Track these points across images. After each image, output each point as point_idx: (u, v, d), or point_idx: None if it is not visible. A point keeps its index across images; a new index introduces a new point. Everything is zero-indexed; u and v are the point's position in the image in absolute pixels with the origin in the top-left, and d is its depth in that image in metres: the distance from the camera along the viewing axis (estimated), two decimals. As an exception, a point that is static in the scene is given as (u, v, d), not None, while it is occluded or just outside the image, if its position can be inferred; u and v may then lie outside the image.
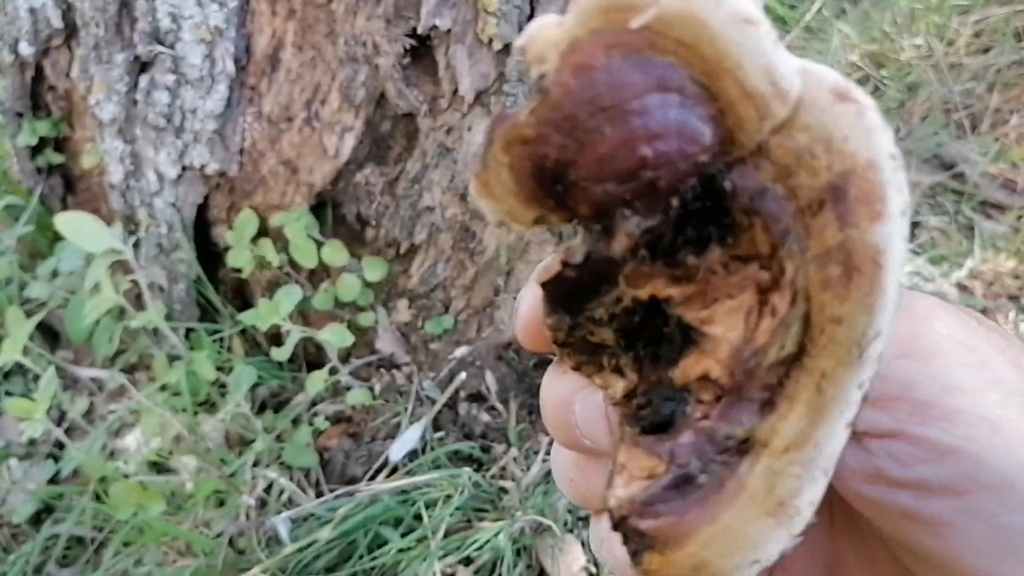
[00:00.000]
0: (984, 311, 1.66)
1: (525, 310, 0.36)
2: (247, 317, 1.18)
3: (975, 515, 0.30)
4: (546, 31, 0.27)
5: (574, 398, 0.35)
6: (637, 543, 0.27)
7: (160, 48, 1.21)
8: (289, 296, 1.18)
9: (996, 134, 2.05)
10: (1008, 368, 0.31)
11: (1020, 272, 1.74)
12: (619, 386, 0.32)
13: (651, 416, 0.30)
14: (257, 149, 1.25)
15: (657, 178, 0.26)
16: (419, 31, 1.10)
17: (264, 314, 1.15)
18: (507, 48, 1.09)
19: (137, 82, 1.25)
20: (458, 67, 1.13)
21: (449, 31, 1.10)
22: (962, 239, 1.86)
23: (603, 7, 0.26)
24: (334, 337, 1.18)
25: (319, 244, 1.28)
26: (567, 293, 0.32)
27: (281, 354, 1.21)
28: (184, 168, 1.26)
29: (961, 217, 1.91)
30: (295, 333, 1.19)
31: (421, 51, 1.16)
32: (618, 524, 0.29)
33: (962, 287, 1.71)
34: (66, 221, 1.31)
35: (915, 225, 1.90)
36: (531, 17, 1.07)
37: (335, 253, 1.29)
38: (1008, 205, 1.93)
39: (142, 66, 1.25)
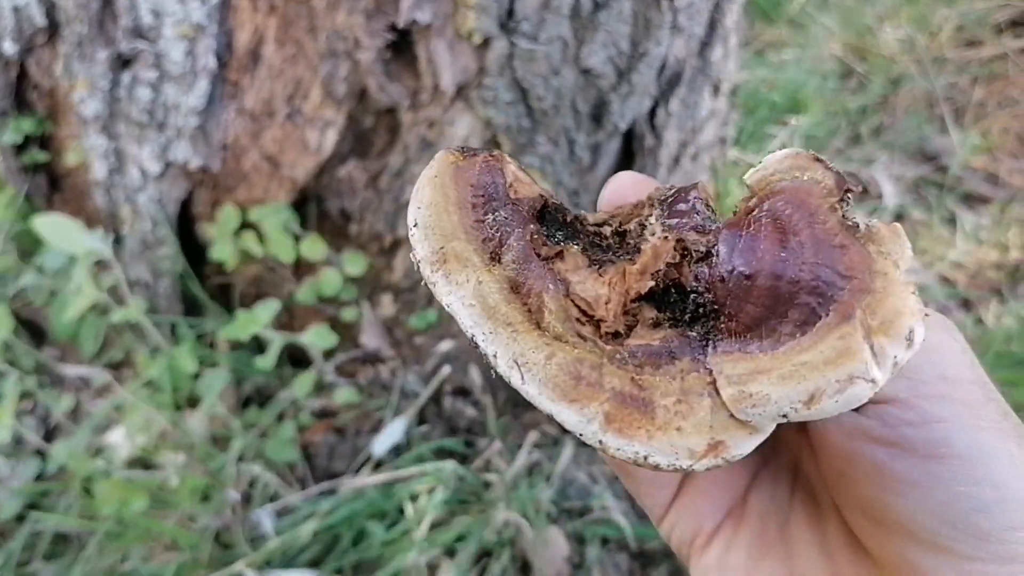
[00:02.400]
0: (967, 302, 1.67)
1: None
2: (228, 331, 1.18)
3: (939, 479, 0.33)
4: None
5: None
6: None
7: (142, 44, 1.21)
8: (267, 307, 1.18)
9: (979, 127, 2.06)
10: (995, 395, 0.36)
11: (1002, 263, 1.75)
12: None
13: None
14: (239, 144, 1.25)
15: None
16: (399, 26, 1.10)
17: (243, 324, 1.15)
18: (487, 42, 1.10)
19: (120, 79, 1.25)
20: (438, 61, 1.13)
21: (429, 25, 1.10)
22: (944, 231, 1.88)
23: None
24: (318, 339, 1.18)
25: (297, 238, 1.28)
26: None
27: (265, 362, 1.21)
28: (167, 164, 1.26)
29: (943, 209, 1.92)
30: (277, 341, 1.19)
31: (402, 46, 1.16)
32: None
33: (944, 279, 1.72)
34: (45, 224, 1.31)
35: (898, 217, 1.91)
36: (510, 12, 1.08)
37: (314, 247, 1.29)
38: (991, 197, 1.94)
39: (124, 63, 1.25)
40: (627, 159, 1.37)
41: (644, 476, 0.44)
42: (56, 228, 1.30)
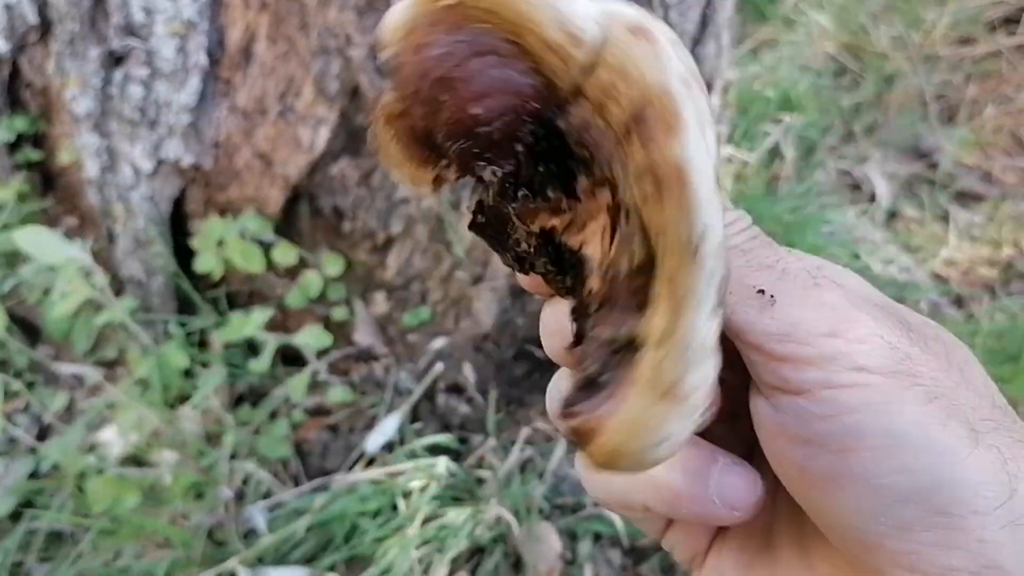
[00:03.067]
0: (959, 299, 1.68)
1: None
2: (222, 333, 1.18)
3: (854, 474, 0.32)
4: (393, 17, 0.31)
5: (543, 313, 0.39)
6: (572, 439, 0.30)
7: (134, 42, 1.21)
8: (261, 312, 1.18)
9: (972, 125, 2.06)
10: (937, 373, 0.33)
11: (995, 261, 1.75)
12: (568, 305, 0.36)
13: (578, 331, 0.33)
14: (232, 142, 1.25)
15: (491, 131, 0.31)
16: (391, 23, 1.10)
17: (237, 327, 1.15)
18: (478, 39, 1.10)
19: (111, 76, 1.25)
20: (431, 58, 1.13)
21: (421, 22, 1.10)
22: (937, 228, 1.88)
23: None
24: (312, 340, 1.19)
25: (268, 246, 1.28)
26: (492, 235, 0.37)
27: (259, 365, 1.21)
28: (159, 162, 1.26)
29: (937, 207, 1.93)
30: (271, 343, 1.19)
31: (394, 43, 1.16)
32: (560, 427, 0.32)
33: (937, 276, 1.73)
34: (25, 238, 1.31)
35: (891, 215, 1.92)
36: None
37: (285, 253, 1.29)
38: (984, 195, 1.95)
39: (116, 60, 1.25)
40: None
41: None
42: (37, 240, 1.30)
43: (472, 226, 0.37)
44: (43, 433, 1.48)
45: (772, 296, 0.34)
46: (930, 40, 2.19)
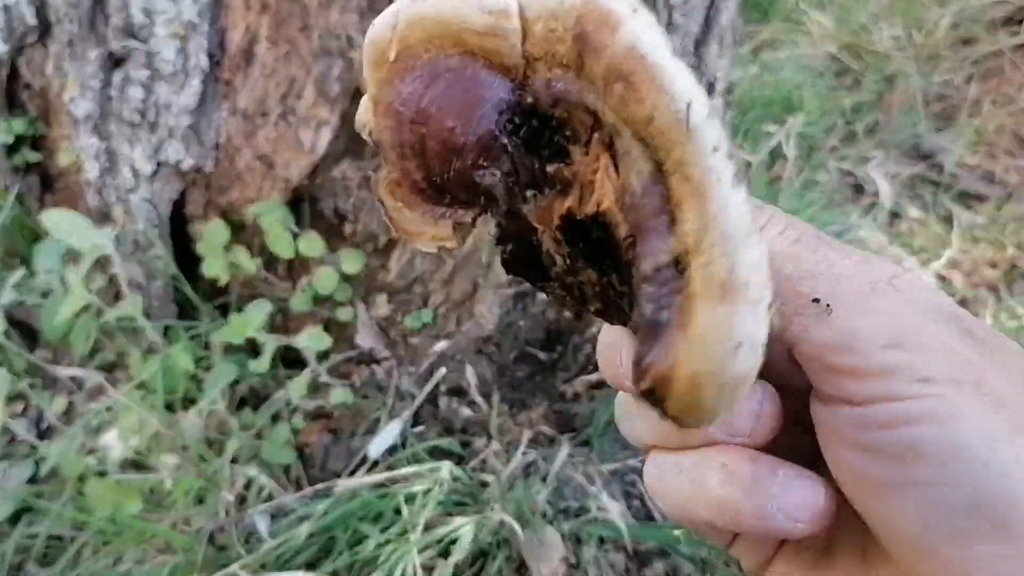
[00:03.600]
0: (963, 301, 1.67)
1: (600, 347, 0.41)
2: (221, 335, 1.18)
3: (915, 483, 0.32)
4: (362, 102, 0.35)
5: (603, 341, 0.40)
6: (653, 400, 0.29)
7: (133, 43, 1.20)
8: (259, 309, 1.17)
9: (975, 125, 2.06)
10: (1003, 383, 0.33)
11: (998, 261, 1.75)
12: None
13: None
14: (233, 144, 1.24)
15: (475, 137, 0.32)
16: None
17: (236, 329, 1.14)
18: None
19: (111, 78, 1.24)
20: (433, 60, 1.13)
21: (423, 24, 1.10)
22: (940, 229, 1.88)
23: (371, 63, 0.34)
24: (312, 342, 1.18)
25: (295, 236, 1.28)
26: (529, 266, 0.36)
27: (260, 366, 1.20)
28: (159, 164, 1.25)
29: (939, 208, 1.92)
30: (271, 343, 1.19)
31: (396, 44, 1.15)
32: (638, 397, 0.31)
33: (941, 277, 1.72)
34: (51, 217, 1.31)
35: (894, 215, 1.91)
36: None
37: (312, 244, 1.28)
38: (987, 195, 1.94)
39: (116, 62, 1.25)
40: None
41: None
42: (62, 222, 1.29)
43: (506, 265, 0.37)
44: (41, 437, 1.47)
45: (828, 305, 0.33)
46: (931, 40, 2.19)
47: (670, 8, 1.13)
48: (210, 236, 1.25)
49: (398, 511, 1.15)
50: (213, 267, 1.25)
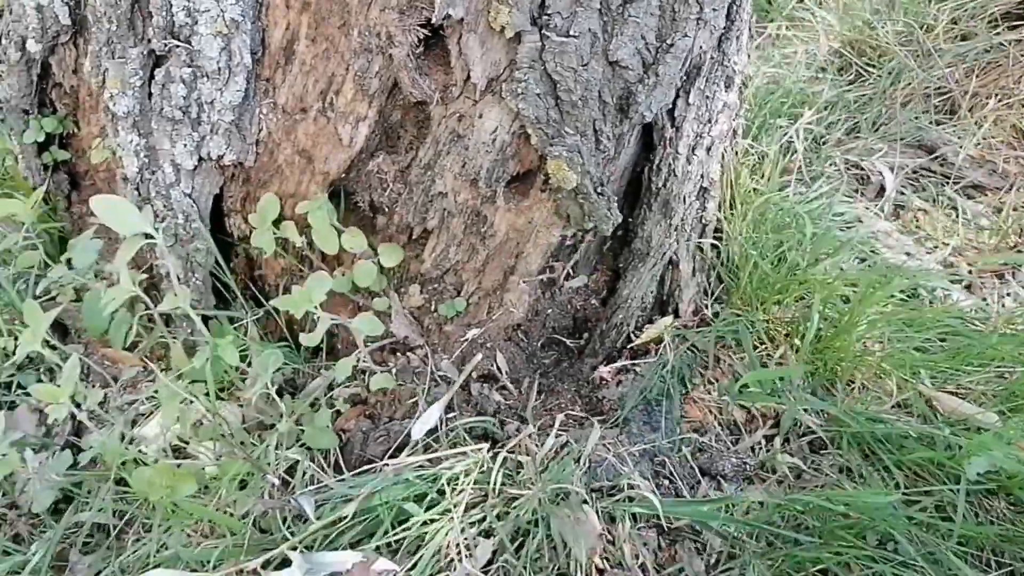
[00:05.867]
0: (969, 287, 1.73)
1: None
2: (280, 303, 1.21)
3: None
4: None
5: None
6: None
7: (176, 42, 1.23)
8: (320, 284, 1.21)
9: (975, 118, 2.11)
10: None
11: (1002, 250, 1.80)
12: None
13: None
14: (273, 139, 1.28)
15: None
16: (433, 21, 1.14)
17: (297, 301, 1.18)
18: (518, 36, 1.13)
19: (152, 76, 1.28)
20: (470, 55, 1.17)
21: (462, 20, 1.14)
22: (945, 219, 1.93)
23: None
24: (364, 326, 1.22)
25: (339, 232, 1.32)
26: None
27: (311, 339, 1.24)
28: (201, 159, 1.29)
29: (944, 198, 1.98)
30: (324, 320, 1.22)
31: (433, 40, 1.19)
32: None
33: (947, 264, 1.78)
34: (99, 203, 1.32)
35: (899, 206, 1.96)
36: (542, 6, 1.11)
37: (355, 240, 1.32)
38: (989, 186, 2.00)
39: (157, 60, 1.28)
40: (647, 150, 1.41)
41: None
42: (111, 207, 1.30)
43: None
44: (77, 428, 1.50)
45: None
46: (933, 35, 2.24)
47: (701, 3, 1.17)
48: (263, 209, 1.29)
49: (440, 491, 1.19)
50: (262, 239, 1.28)
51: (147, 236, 1.26)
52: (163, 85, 1.27)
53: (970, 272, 1.76)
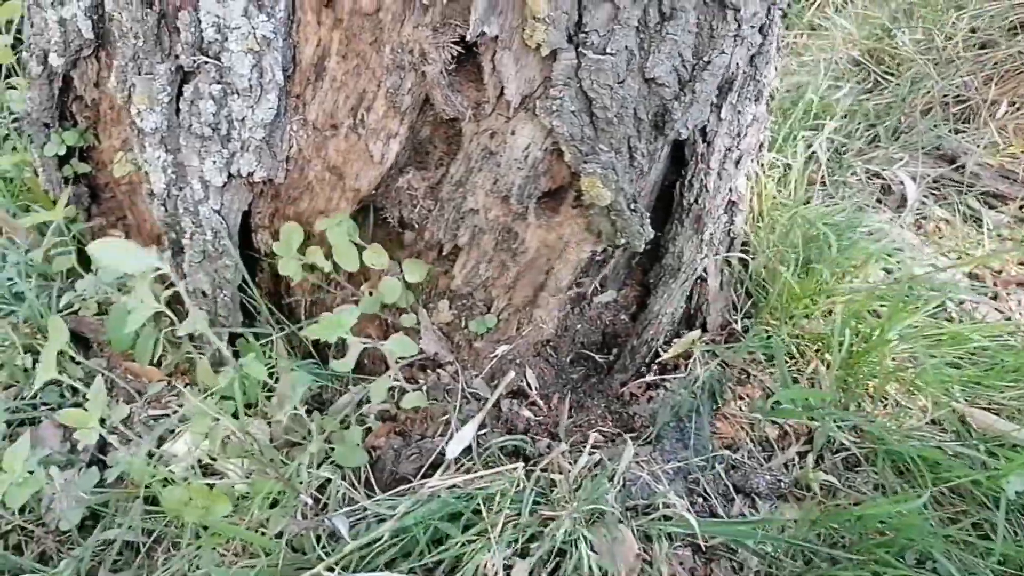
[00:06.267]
0: (995, 298, 1.72)
1: None
2: (311, 332, 1.20)
3: None
4: None
5: None
6: None
7: (205, 59, 1.23)
8: (351, 313, 1.21)
9: (995, 126, 2.11)
10: None
11: (1026, 260, 1.80)
12: None
13: None
14: (303, 156, 1.27)
15: None
16: (468, 38, 1.13)
17: (328, 329, 1.18)
18: (554, 54, 1.13)
19: (181, 92, 1.27)
20: (504, 72, 1.16)
21: (496, 37, 1.13)
22: (967, 229, 1.92)
23: None
24: (397, 348, 1.21)
25: (360, 248, 1.31)
26: None
27: (345, 365, 1.24)
28: (230, 176, 1.28)
29: (965, 208, 1.97)
30: (356, 345, 1.22)
31: (465, 57, 1.19)
32: None
33: (973, 276, 1.77)
34: (99, 249, 1.31)
35: (921, 216, 1.96)
36: (579, 24, 1.10)
37: (376, 256, 1.31)
38: (1010, 195, 1.99)
39: (184, 76, 1.27)
40: (677, 164, 1.40)
41: None
42: (113, 251, 1.30)
43: None
44: (102, 445, 1.49)
45: None
46: (952, 44, 2.23)
47: (739, 21, 1.16)
48: (286, 237, 1.28)
49: (476, 511, 1.18)
50: (288, 267, 1.28)
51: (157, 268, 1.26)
52: (192, 102, 1.26)
53: (995, 284, 1.75)
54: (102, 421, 1.50)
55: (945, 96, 2.21)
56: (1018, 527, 1.27)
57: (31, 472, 1.33)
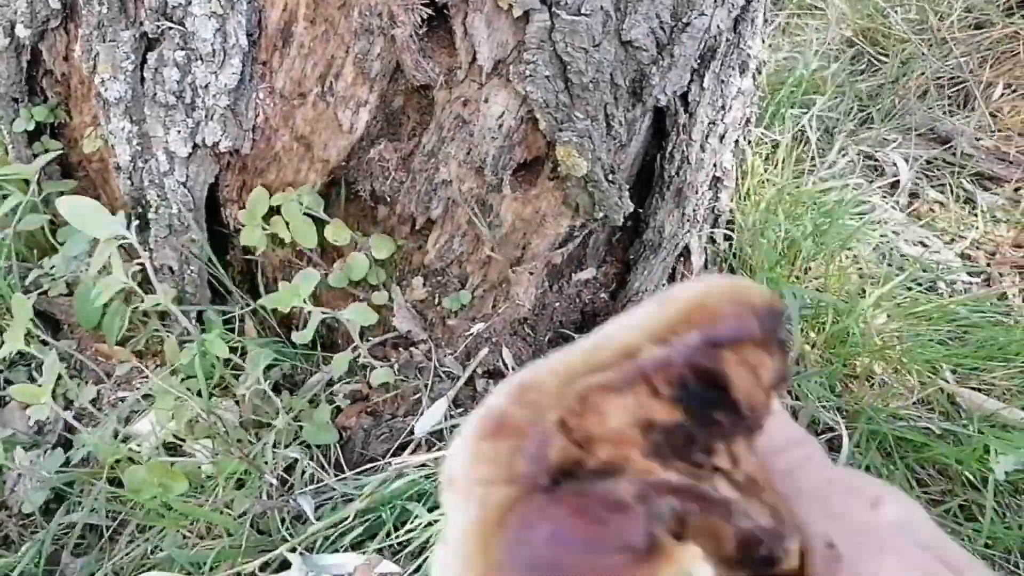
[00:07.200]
0: (988, 280, 1.68)
1: None
2: (268, 301, 1.16)
3: None
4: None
5: None
6: None
7: (169, 24, 1.19)
8: (308, 279, 1.16)
9: (990, 107, 2.07)
10: None
11: (1021, 241, 1.75)
12: None
13: None
14: (270, 126, 1.23)
15: None
16: (438, 0, 1.09)
17: (285, 298, 1.13)
18: (527, 15, 1.09)
19: (145, 60, 1.23)
20: (476, 36, 1.12)
21: (467, -1, 1.09)
22: (961, 211, 1.88)
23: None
24: (356, 316, 1.17)
25: (323, 223, 1.27)
26: None
27: (303, 336, 1.19)
28: (195, 146, 1.24)
29: (959, 190, 1.93)
30: (316, 315, 1.17)
31: (436, 21, 1.15)
32: None
33: (966, 257, 1.73)
34: (68, 205, 1.28)
35: (914, 196, 1.92)
36: (552, -17, 1.06)
37: (338, 232, 1.27)
38: (1005, 177, 1.95)
39: (149, 43, 1.23)
40: (658, 137, 1.36)
41: None
42: (80, 210, 1.26)
43: None
44: (69, 426, 1.45)
45: (840, 554, 0.33)
46: (946, 24, 2.19)
47: (718, -19, 1.12)
48: (252, 204, 1.24)
49: (446, 491, 1.14)
50: (252, 236, 1.23)
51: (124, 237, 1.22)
52: (156, 69, 1.22)
53: (989, 265, 1.71)
54: (70, 400, 1.48)
55: (939, 77, 2.17)
56: (1007, 508, 1.23)
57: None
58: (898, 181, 1.93)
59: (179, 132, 1.24)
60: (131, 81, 1.25)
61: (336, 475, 1.21)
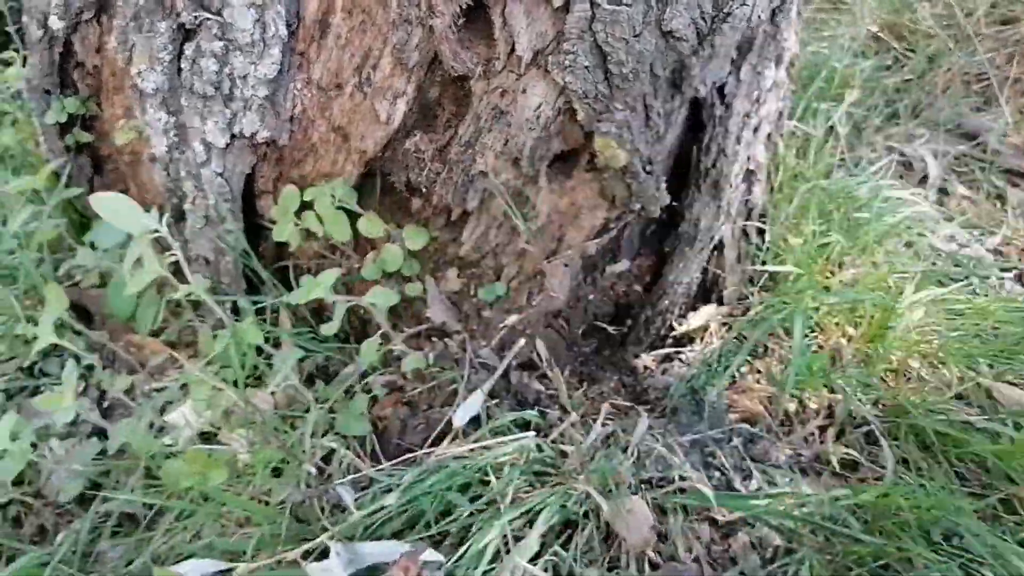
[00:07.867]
0: (1020, 276, 1.67)
1: None
2: (293, 298, 1.16)
3: None
4: None
5: None
6: None
7: (207, 15, 1.19)
8: (330, 274, 1.17)
9: (1018, 104, 2.05)
10: None
11: (1052, 237, 1.75)
12: None
13: None
14: (307, 117, 1.23)
15: None
16: (477, -10, 1.09)
17: (307, 291, 1.14)
18: (567, 5, 1.08)
19: (182, 50, 1.23)
20: (515, 26, 1.12)
21: (507, -11, 1.08)
22: (990, 206, 1.87)
23: None
24: (380, 299, 1.16)
25: (356, 216, 1.27)
26: None
27: (329, 328, 1.20)
28: (233, 137, 1.24)
29: (988, 185, 1.92)
30: (340, 304, 1.17)
31: (474, 11, 1.14)
32: None
33: (997, 252, 1.72)
34: (100, 201, 1.28)
35: (943, 192, 1.91)
36: (594, -27, 1.06)
37: (372, 225, 1.27)
38: (1033, 173, 1.94)
39: (187, 33, 1.23)
40: (695, 129, 1.36)
41: None
42: (112, 206, 1.26)
43: None
44: (104, 416, 1.46)
45: None
46: (972, 20, 2.18)
47: (760, -28, 1.12)
48: (284, 200, 1.24)
49: (484, 481, 1.14)
50: (284, 231, 1.24)
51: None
52: (193, 60, 1.22)
53: (1021, 261, 1.70)
54: (103, 392, 1.48)
55: (966, 73, 2.16)
56: (1048, 502, 1.22)
57: (14, 440, 1.29)
58: (927, 177, 1.92)
59: (216, 123, 1.24)
60: (168, 72, 1.25)
61: (373, 465, 1.21)
